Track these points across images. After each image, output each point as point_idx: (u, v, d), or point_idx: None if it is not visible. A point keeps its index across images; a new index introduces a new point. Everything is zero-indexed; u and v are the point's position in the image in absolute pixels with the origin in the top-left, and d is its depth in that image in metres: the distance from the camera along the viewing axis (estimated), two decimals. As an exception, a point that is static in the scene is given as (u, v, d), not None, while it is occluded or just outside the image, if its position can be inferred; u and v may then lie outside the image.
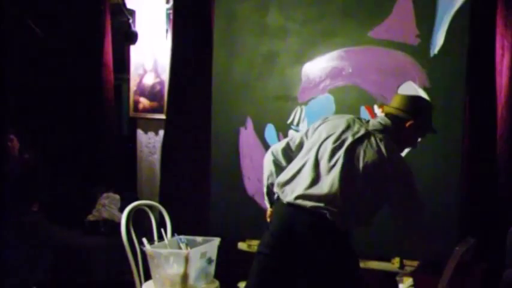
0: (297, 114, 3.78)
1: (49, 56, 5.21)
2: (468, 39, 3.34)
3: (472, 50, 3.37)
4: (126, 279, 3.74)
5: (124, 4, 5.03)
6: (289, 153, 2.93)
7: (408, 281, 3.17)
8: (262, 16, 3.91)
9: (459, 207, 3.39)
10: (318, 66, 3.72)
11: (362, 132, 2.74)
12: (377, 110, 3.54)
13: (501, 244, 3.31)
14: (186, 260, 3.25)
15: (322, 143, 2.76)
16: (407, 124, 2.79)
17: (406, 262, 3.47)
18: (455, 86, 3.36)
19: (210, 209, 4.09)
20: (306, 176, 2.72)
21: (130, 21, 4.99)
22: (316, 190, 2.67)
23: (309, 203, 2.65)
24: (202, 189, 4.34)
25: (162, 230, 3.58)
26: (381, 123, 2.79)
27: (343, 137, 2.73)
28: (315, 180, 2.69)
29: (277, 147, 2.96)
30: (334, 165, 2.68)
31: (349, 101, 3.63)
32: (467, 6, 3.32)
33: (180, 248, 3.47)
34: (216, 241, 3.51)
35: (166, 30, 4.94)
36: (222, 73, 4.05)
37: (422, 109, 2.84)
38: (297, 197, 2.68)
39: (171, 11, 4.84)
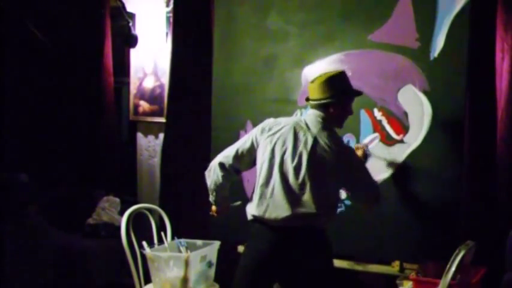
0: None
1: (49, 59, 5.22)
2: (468, 43, 3.34)
3: (472, 53, 3.37)
4: (126, 283, 3.74)
5: (124, 7, 5.04)
6: (239, 162, 3.12)
7: (408, 284, 3.16)
8: (262, 19, 3.91)
9: (459, 210, 3.39)
10: (318, 70, 3.71)
11: (310, 140, 2.92)
12: (377, 114, 3.55)
13: (501, 247, 3.31)
14: (186, 263, 3.25)
15: (282, 162, 2.92)
16: (334, 106, 2.98)
17: (406, 265, 3.47)
18: (455, 89, 3.36)
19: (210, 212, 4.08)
20: (281, 198, 2.89)
21: (131, 24, 5.00)
22: (298, 209, 2.86)
23: (296, 223, 2.87)
24: (202, 193, 4.33)
25: (162, 233, 3.59)
26: (317, 121, 2.98)
27: (298, 152, 2.91)
28: (292, 200, 2.87)
29: (226, 159, 3.13)
30: (303, 182, 2.88)
31: (349, 104, 3.63)
32: (467, 9, 3.32)
33: (180, 251, 3.47)
34: (216, 244, 3.51)
35: (166, 34, 4.95)
36: (222, 76, 4.05)
37: (336, 84, 3.01)
38: (282, 220, 2.86)
39: (171, 14, 4.84)
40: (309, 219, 2.88)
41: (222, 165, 3.13)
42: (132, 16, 5.06)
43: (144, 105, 5.12)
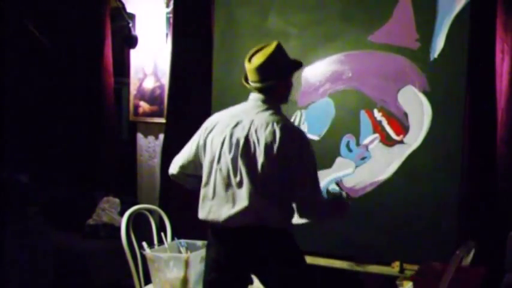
0: (296, 118, 3.78)
1: (49, 60, 5.22)
2: (468, 43, 3.34)
3: (472, 54, 3.37)
4: (126, 284, 3.74)
5: (124, 8, 5.04)
6: (190, 166, 2.91)
7: (408, 285, 3.16)
8: (262, 20, 3.92)
9: (459, 211, 3.39)
10: (317, 71, 3.72)
11: (247, 125, 2.65)
12: (377, 114, 3.55)
13: (501, 247, 3.31)
14: (186, 264, 3.25)
15: (220, 157, 2.67)
16: (277, 85, 2.71)
17: (406, 266, 3.47)
18: (455, 90, 3.36)
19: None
20: (222, 196, 2.65)
21: (131, 25, 4.99)
22: (238, 205, 2.60)
23: (241, 222, 2.60)
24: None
25: (162, 234, 3.58)
26: (256, 105, 2.71)
27: (235, 141, 2.65)
28: (232, 196, 2.62)
29: (175, 170, 2.98)
30: (241, 174, 2.61)
31: (349, 105, 3.63)
32: (467, 10, 3.33)
33: (180, 252, 3.47)
34: (216, 245, 3.51)
35: (166, 34, 4.94)
36: (222, 77, 4.06)
37: (275, 61, 2.69)
38: (227, 220, 2.63)
39: (171, 15, 4.84)
40: (253, 217, 2.58)
41: (175, 176, 3.03)
42: (132, 17, 5.06)
43: (144, 105, 5.12)
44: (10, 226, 4.10)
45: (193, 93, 4.62)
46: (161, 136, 5.00)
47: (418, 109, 3.43)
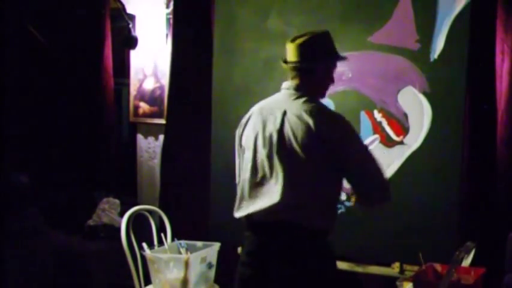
0: (297, 119, 3.77)
1: (49, 61, 5.22)
2: (468, 44, 3.34)
3: (472, 55, 3.37)
4: (126, 284, 3.74)
5: (124, 9, 5.04)
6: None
7: (408, 286, 3.16)
8: (262, 21, 3.92)
9: (459, 211, 3.39)
10: (317, 71, 3.72)
11: (279, 117, 2.48)
12: (377, 115, 3.55)
13: (501, 248, 3.31)
14: (186, 264, 3.25)
15: (255, 151, 2.54)
16: (317, 69, 2.55)
17: (406, 267, 3.47)
18: (455, 91, 3.36)
19: (210, 214, 4.08)
20: (257, 192, 2.52)
21: (130, 26, 4.99)
22: (272, 201, 2.44)
23: (275, 217, 2.45)
24: (202, 194, 4.34)
25: (162, 234, 3.59)
26: (290, 93, 2.55)
27: (268, 134, 2.49)
28: (268, 192, 2.48)
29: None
30: (275, 169, 2.46)
31: (349, 105, 3.63)
32: (467, 10, 3.33)
33: (180, 252, 3.48)
34: (216, 246, 3.52)
35: (166, 35, 4.94)
36: (222, 78, 4.06)
37: (319, 46, 2.55)
38: (260, 215, 2.49)
39: (171, 16, 4.84)
40: (285, 213, 2.44)
41: None
42: (132, 17, 5.06)
43: (144, 106, 5.12)
44: (10, 226, 4.09)
45: (193, 94, 4.62)
46: (161, 137, 5.00)
47: (418, 110, 3.43)
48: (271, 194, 2.45)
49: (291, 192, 2.42)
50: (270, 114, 2.53)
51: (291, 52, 2.58)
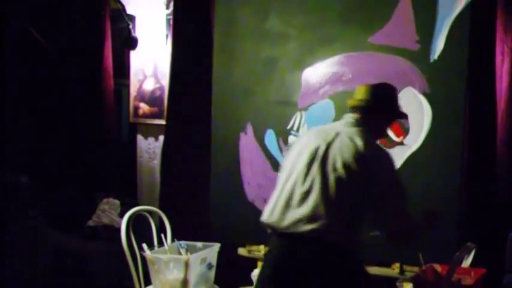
0: (297, 119, 3.78)
1: (49, 61, 5.22)
2: (468, 45, 3.34)
3: (472, 56, 3.37)
4: (126, 285, 3.74)
5: (124, 10, 5.04)
6: None
7: (408, 286, 3.16)
8: (262, 22, 3.92)
9: (459, 212, 3.39)
10: (317, 72, 3.72)
11: (332, 134, 2.59)
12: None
13: (501, 249, 3.31)
14: (186, 265, 3.25)
15: (298, 160, 2.61)
16: (375, 112, 2.70)
17: (406, 268, 3.47)
18: (455, 92, 3.36)
19: (210, 215, 4.08)
20: (290, 202, 2.54)
21: (131, 26, 5.00)
22: (304, 212, 2.49)
23: (302, 228, 2.48)
24: (202, 195, 4.34)
25: (162, 235, 3.58)
26: (348, 121, 2.67)
27: (316, 147, 2.57)
28: (300, 202, 2.51)
29: None
30: (313, 181, 2.51)
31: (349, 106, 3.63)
32: (467, 11, 3.33)
33: (180, 253, 3.47)
34: (216, 247, 3.51)
35: (166, 36, 4.95)
36: (222, 78, 4.06)
37: (387, 96, 2.76)
38: (289, 225, 2.51)
39: (171, 17, 4.85)
40: (314, 226, 2.46)
41: None
42: (132, 18, 5.06)
43: (144, 107, 5.13)
44: (10, 227, 4.09)
45: (193, 94, 4.62)
46: (161, 138, 5.01)
47: (418, 111, 3.43)
48: (305, 206, 2.50)
49: (322, 207, 2.47)
50: (324, 132, 2.64)
51: (359, 91, 2.75)
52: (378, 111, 2.71)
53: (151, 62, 5.07)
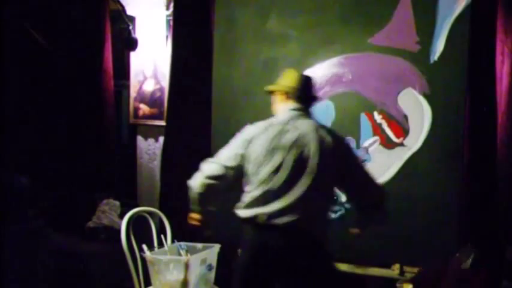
0: (297, 120, 3.78)
1: (49, 63, 5.22)
2: (468, 46, 3.35)
3: (472, 56, 3.37)
4: (126, 286, 3.74)
5: (124, 11, 5.04)
6: (225, 174, 2.99)
7: (408, 287, 3.16)
8: (263, 23, 3.92)
9: (459, 213, 3.39)
10: (318, 73, 3.72)
11: (292, 129, 2.78)
12: (377, 117, 3.55)
13: (501, 251, 3.30)
14: (186, 266, 3.25)
15: (267, 155, 2.79)
16: (310, 102, 2.93)
17: (406, 269, 3.47)
18: (455, 93, 3.36)
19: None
20: (268, 195, 2.75)
21: (131, 27, 4.99)
22: (283, 203, 2.70)
23: (279, 221, 2.69)
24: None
25: (162, 236, 3.58)
26: (295, 109, 2.87)
27: (282, 145, 2.77)
28: (280, 195, 2.72)
29: (211, 171, 3.05)
30: (287, 173, 2.72)
31: (349, 107, 3.63)
32: (467, 12, 3.33)
33: (180, 254, 3.47)
34: (216, 248, 3.51)
35: (166, 37, 4.94)
36: (222, 79, 4.06)
37: (313, 84, 2.96)
38: (270, 217, 2.72)
39: (171, 18, 4.84)
40: (295, 215, 2.71)
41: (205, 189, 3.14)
42: (132, 19, 5.06)
43: (144, 108, 5.12)
44: (10, 228, 4.09)
45: (193, 95, 4.62)
46: (161, 139, 5.00)
47: (418, 111, 3.44)
48: (284, 198, 2.70)
49: (299, 196, 2.69)
50: (283, 129, 2.80)
51: (293, 78, 2.92)
52: (313, 99, 2.94)
53: (151, 63, 5.07)
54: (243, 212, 2.87)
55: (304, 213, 2.69)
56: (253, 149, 2.86)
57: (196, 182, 3.09)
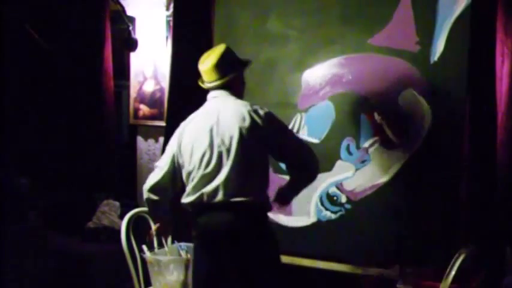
0: (296, 121, 3.78)
1: (49, 63, 5.22)
2: (468, 46, 3.34)
3: (472, 57, 3.37)
4: (126, 287, 3.74)
5: (124, 11, 5.04)
6: (168, 179, 3.13)
7: (408, 288, 3.17)
8: (262, 23, 3.92)
9: (459, 214, 3.39)
10: (317, 74, 3.72)
11: (215, 114, 2.93)
12: (377, 117, 3.55)
13: (501, 250, 3.30)
14: (186, 267, 3.25)
15: (198, 141, 2.92)
16: (235, 81, 3.04)
17: (406, 269, 3.47)
18: (455, 93, 3.36)
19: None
20: (205, 179, 2.88)
21: (131, 28, 4.99)
22: (219, 181, 2.84)
23: (218, 198, 2.83)
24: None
25: (162, 237, 3.58)
26: (218, 98, 3.02)
27: (210, 125, 2.91)
28: (216, 176, 2.86)
29: (154, 181, 3.15)
30: (221, 157, 2.86)
31: (349, 108, 3.63)
32: (467, 12, 3.33)
33: (180, 255, 3.47)
34: (216, 248, 3.50)
35: (166, 38, 4.94)
36: (222, 80, 4.05)
37: (229, 59, 3.02)
38: (209, 197, 2.87)
39: (171, 18, 4.84)
40: (231, 191, 2.86)
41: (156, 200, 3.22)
42: (132, 20, 5.06)
43: (144, 108, 5.12)
44: (10, 228, 4.09)
45: (193, 96, 4.60)
46: (161, 139, 5.00)
47: (418, 112, 3.43)
48: (220, 176, 2.85)
49: (235, 172, 2.83)
50: (210, 118, 2.95)
51: (208, 73, 3.04)
52: (233, 76, 3.01)
53: (151, 64, 5.07)
54: (186, 199, 3.00)
55: (238, 190, 2.82)
56: (184, 142, 3.01)
57: (144, 196, 3.17)
